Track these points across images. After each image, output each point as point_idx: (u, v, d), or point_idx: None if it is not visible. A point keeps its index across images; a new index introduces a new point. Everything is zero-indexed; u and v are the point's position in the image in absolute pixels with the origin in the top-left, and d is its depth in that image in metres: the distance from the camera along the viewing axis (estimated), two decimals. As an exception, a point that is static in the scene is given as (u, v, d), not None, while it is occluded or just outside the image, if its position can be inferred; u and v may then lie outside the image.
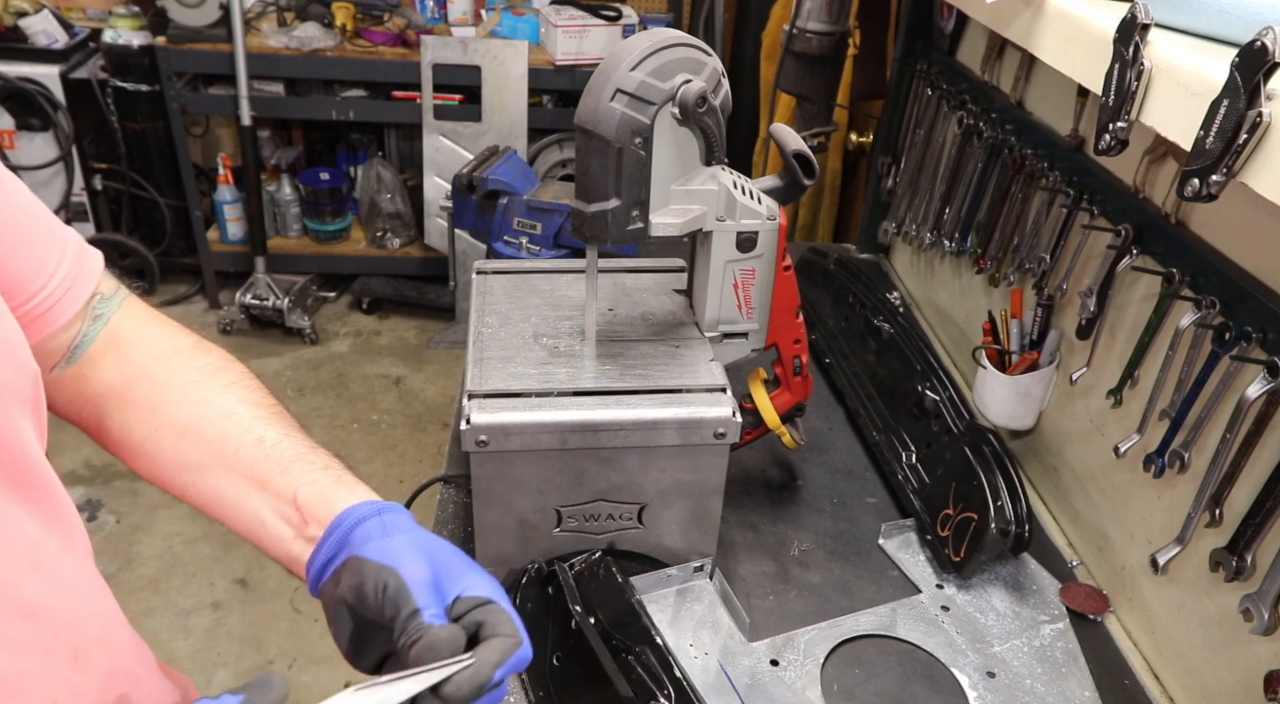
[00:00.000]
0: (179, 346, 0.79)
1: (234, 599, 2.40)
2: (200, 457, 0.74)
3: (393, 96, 3.26)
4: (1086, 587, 1.20)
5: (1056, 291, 1.30)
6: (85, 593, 0.65)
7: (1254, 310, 0.93)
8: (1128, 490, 1.16)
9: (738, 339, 1.14)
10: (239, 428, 0.75)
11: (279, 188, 3.51)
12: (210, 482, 0.74)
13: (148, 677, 0.71)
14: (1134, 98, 0.82)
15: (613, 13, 3.20)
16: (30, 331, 0.68)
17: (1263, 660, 0.92)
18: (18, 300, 0.67)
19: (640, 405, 1.01)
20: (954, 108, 1.58)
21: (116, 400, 0.76)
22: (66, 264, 0.71)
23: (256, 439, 0.74)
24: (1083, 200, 1.23)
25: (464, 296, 3.38)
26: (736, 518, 1.27)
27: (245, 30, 3.03)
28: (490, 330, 1.13)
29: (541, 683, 0.98)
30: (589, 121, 0.91)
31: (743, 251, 1.07)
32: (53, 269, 0.70)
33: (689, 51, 0.94)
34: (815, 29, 1.77)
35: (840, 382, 1.54)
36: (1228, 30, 0.80)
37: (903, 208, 1.81)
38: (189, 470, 0.75)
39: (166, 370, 0.77)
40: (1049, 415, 1.36)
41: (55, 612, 0.61)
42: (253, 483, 0.73)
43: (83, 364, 0.76)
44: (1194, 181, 0.73)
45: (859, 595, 1.17)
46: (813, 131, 1.88)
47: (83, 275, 0.73)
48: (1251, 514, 0.91)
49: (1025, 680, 1.06)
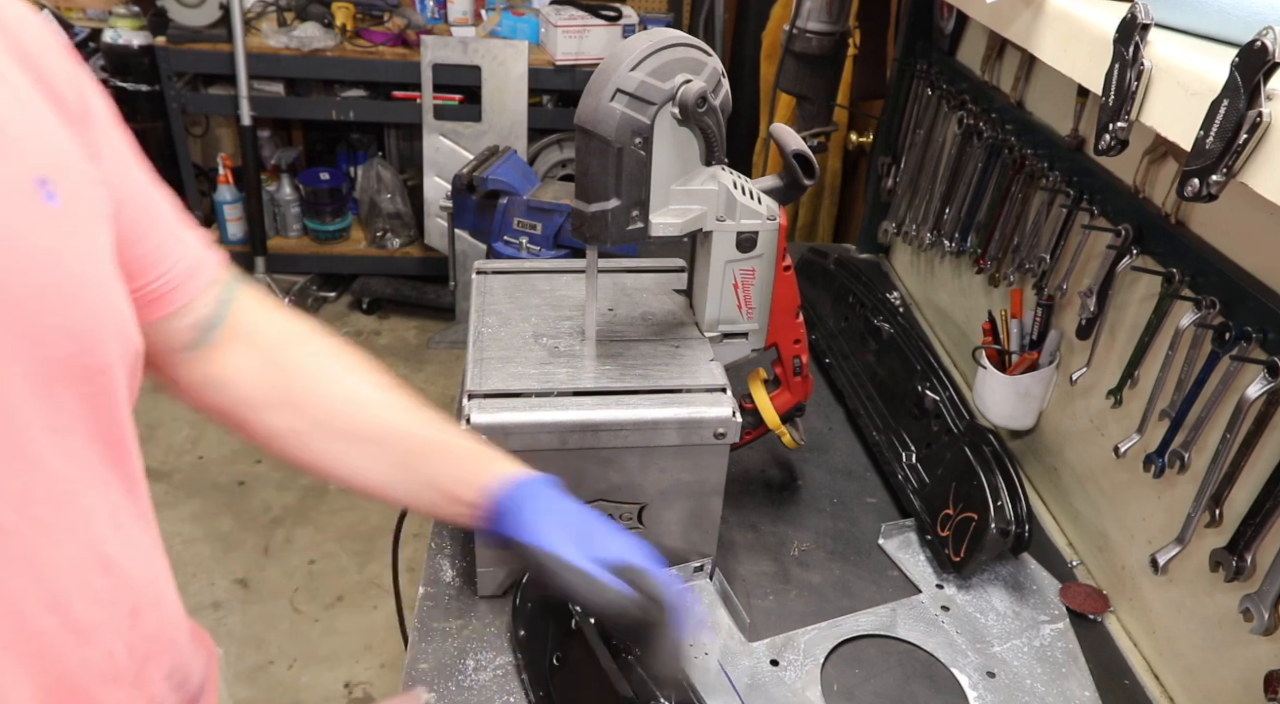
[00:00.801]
0: (301, 331, 0.83)
1: (234, 599, 2.40)
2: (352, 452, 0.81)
3: (393, 96, 3.26)
4: (1086, 587, 1.21)
5: (1056, 291, 1.30)
6: (149, 557, 0.70)
7: (1254, 310, 0.93)
8: (1128, 490, 1.16)
9: (738, 339, 1.14)
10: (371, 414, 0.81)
11: (279, 188, 3.51)
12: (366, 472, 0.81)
13: (184, 644, 0.77)
14: (1134, 98, 0.82)
15: (613, 13, 3.20)
16: (152, 309, 0.72)
17: (1263, 660, 0.92)
18: (144, 278, 0.71)
19: (640, 405, 1.01)
20: (954, 108, 1.58)
21: (246, 392, 0.80)
22: (190, 249, 0.76)
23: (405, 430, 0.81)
24: (1083, 200, 1.23)
25: (464, 296, 3.38)
26: (736, 518, 1.27)
27: (245, 30, 3.03)
28: (490, 330, 1.13)
29: (542, 683, 0.98)
30: (589, 121, 0.91)
31: (743, 251, 1.07)
32: (178, 253, 0.74)
33: (689, 51, 0.94)
34: (815, 29, 1.77)
35: (840, 382, 1.54)
36: (1228, 30, 0.80)
37: (903, 208, 1.81)
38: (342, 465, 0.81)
39: (290, 357, 0.82)
40: (1049, 415, 1.36)
41: (126, 570, 0.65)
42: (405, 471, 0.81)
43: (213, 351, 0.79)
44: (1194, 181, 0.73)
45: (859, 595, 1.17)
46: (813, 131, 1.89)
47: (205, 260, 0.77)
48: (1251, 514, 0.91)
49: (1025, 680, 1.06)
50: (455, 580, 1.14)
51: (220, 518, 2.63)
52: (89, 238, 0.61)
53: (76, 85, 0.64)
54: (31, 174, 0.57)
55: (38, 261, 0.55)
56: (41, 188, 0.57)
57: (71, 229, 0.59)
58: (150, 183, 0.73)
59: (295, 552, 2.55)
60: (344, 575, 2.49)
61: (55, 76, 0.62)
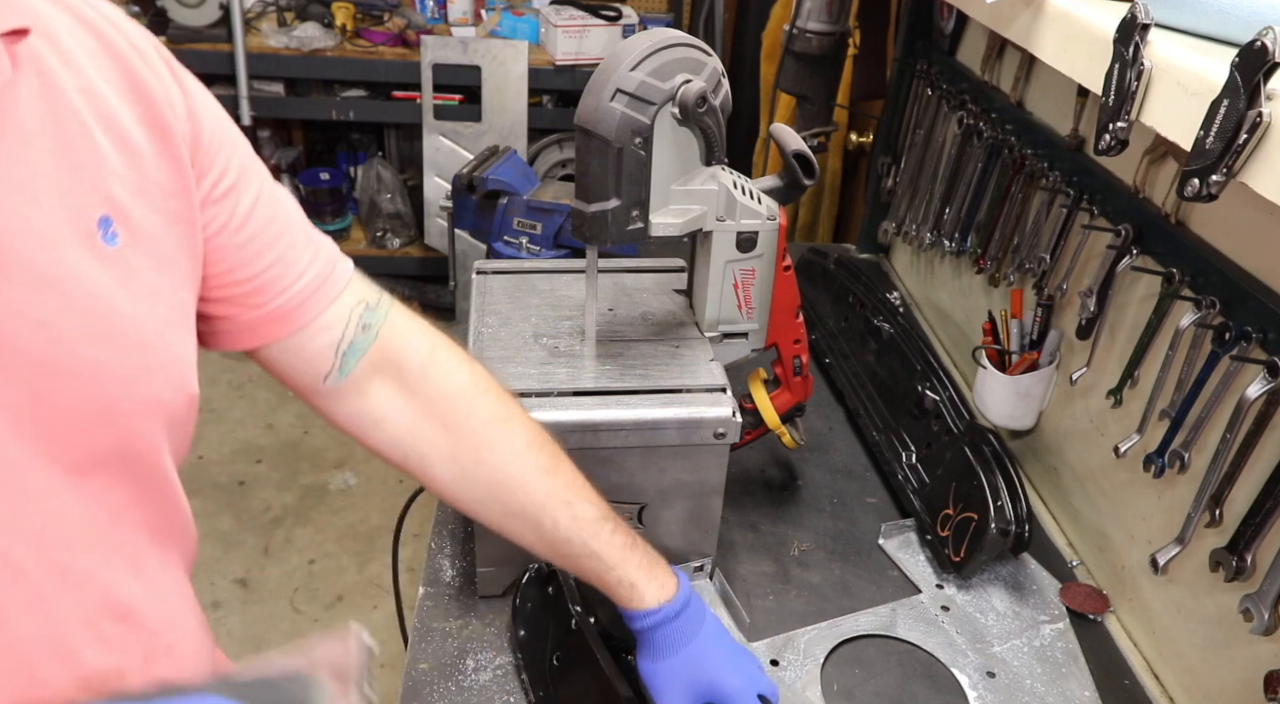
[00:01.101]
0: (464, 387, 0.82)
1: (234, 599, 2.40)
2: (506, 520, 0.84)
3: (393, 96, 3.26)
4: (1086, 587, 1.20)
5: (1056, 291, 1.30)
6: (171, 602, 0.68)
7: (1254, 310, 0.93)
8: (1128, 490, 1.16)
9: (738, 339, 1.14)
10: (538, 508, 0.82)
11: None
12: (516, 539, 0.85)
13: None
14: (1134, 98, 0.82)
15: (613, 13, 3.20)
16: (277, 328, 0.72)
17: (1263, 660, 0.92)
18: (266, 295, 0.70)
19: (640, 405, 1.01)
20: (954, 108, 1.58)
21: (410, 439, 0.81)
22: (317, 265, 0.74)
23: (553, 524, 0.82)
24: (1083, 200, 1.23)
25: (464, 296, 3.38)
26: (736, 518, 1.27)
27: (245, 30, 3.03)
28: (490, 330, 1.13)
29: (542, 683, 0.98)
30: (589, 121, 0.91)
31: (743, 251, 1.06)
32: (302, 269, 0.72)
33: (689, 51, 0.94)
34: (815, 29, 1.77)
35: (840, 382, 1.53)
36: (1228, 30, 0.80)
37: (903, 208, 1.81)
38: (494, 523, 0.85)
39: (458, 418, 0.81)
40: (1049, 415, 1.36)
41: (142, 615, 0.64)
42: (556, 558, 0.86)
43: (361, 381, 0.78)
44: (1194, 181, 0.73)
45: (859, 595, 1.17)
46: (813, 131, 1.88)
47: (333, 276, 0.75)
48: (1251, 514, 0.91)
49: (1025, 680, 1.06)
50: (455, 580, 1.14)
51: (220, 518, 2.63)
52: (146, 279, 0.59)
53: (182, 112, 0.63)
54: (94, 213, 0.55)
55: (80, 302, 0.55)
56: (103, 227, 0.56)
57: (127, 270, 0.57)
58: (275, 197, 0.71)
59: (295, 552, 2.56)
60: (344, 575, 2.49)
61: (162, 106, 0.61)
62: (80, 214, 0.55)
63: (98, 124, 0.56)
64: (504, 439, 0.82)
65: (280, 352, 0.73)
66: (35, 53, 0.54)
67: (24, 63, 0.53)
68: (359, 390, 0.78)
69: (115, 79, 0.59)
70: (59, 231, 0.54)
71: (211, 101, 0.67)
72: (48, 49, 0.55)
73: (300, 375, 0.76)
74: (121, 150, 0.58)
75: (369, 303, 0.78)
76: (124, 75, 0.59)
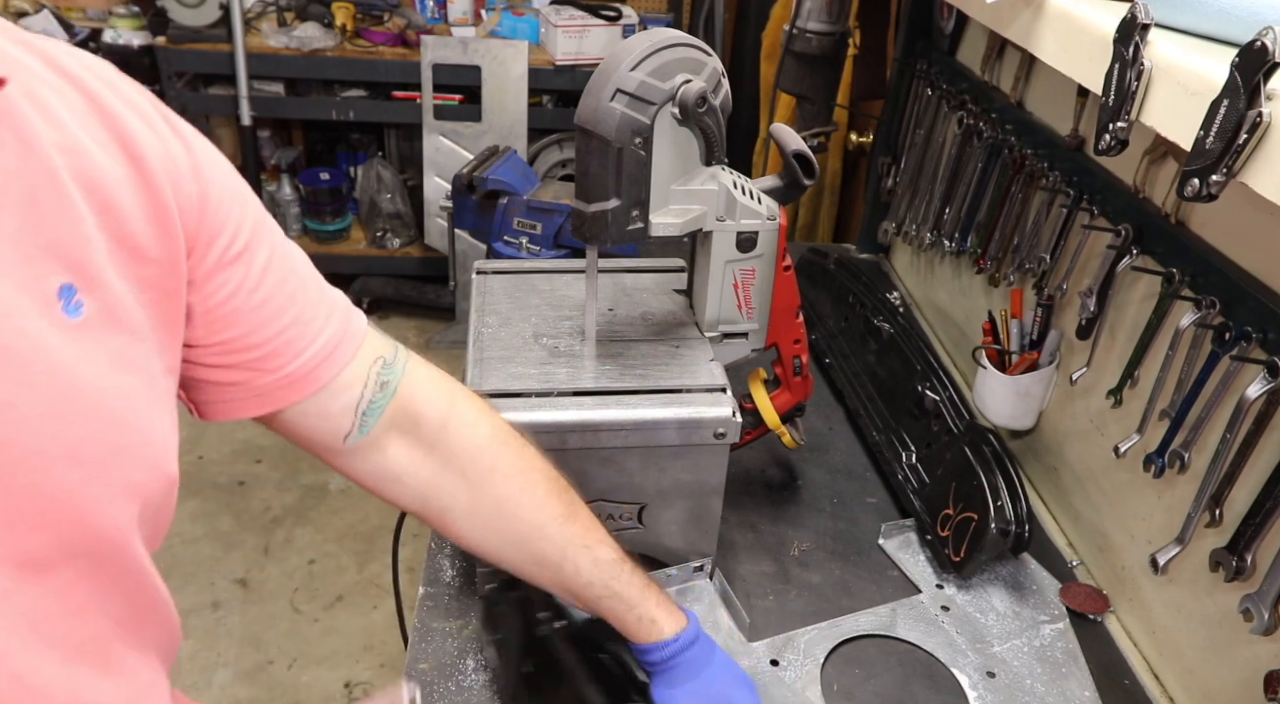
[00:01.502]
0: (484, 440, 0.83)
1: (234, 599, 2.40)
2: (529, 566, 0.86)
3: (393, 96, 3.26)
4: (1086, 587, 1.20)
5: (1056, 291, 1.30)
6: (148, 693, 0.65)
7: (1254, 310, 0.93)
8: (1128, 490, 1.16)
9: (738, 339, 1.14)
10: (560, 555, 0.84)
11: (279, 188, 3.51)
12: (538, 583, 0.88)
13: None
14: (1134, 98, 0.82)
15: (613, 13, 3.20)
16: (295, 392, 0.70)
17: (1263, 660, 0.92)
18: (282, 359, 0.68)
19: (640, 405, 1.01)
20: (954, 108, 1.58)
21: (432, 493, 0.81)
22: (333, 325, 0.72)
23: (575, 570, 0.84)
24: (1083, 200, 1.23)
25: (464, 296, 3.38)
26: (736, 518, 1.27)
27: (245, 30, 3.03)
28: (490, 330, 1.13)
29: (514, 691, 0.97)
30: (589, 121, 0.91)
31: (743, 251, 1.06)
32: (318, 329, 0.70)
33: (689, 51, 0.94)
34: (815, 29, 1.76)
35: (840, 382, 1.53)
36: (1228, 30, 0.80)
37: (903, 208, 1.81)
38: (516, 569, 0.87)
39: (479, 471, 0.82)
40: (1049, 415, 1.36)
41: None
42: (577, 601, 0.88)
43: (379, 438, 0.77)
44: (1194, 181, 0.73)
45: (859, 595, 1.17)
46: (813, 131, 1.88)
47: (348, 336, 0.73)
48: (1251, 514, 0.91)
49: (1025, 680, 1.06)
50: (455, 580, 1.14)
51: (220, 518, 2.63)
52: (113, 352, 0.55)
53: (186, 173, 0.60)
54: (55, 280, 0.52)
55: (37, 380, 0.50)
56: (65, 297, 0.52)
57: (92, 343, 0.53)
58: (288, 254, 0.69)
59: (295, 552, 2.55)
60: (344, 575, 2.49)
61: (157, 167, 0.58)
62: (40, 282, 0.51)
63: (75, 182, 0.53)
64: (524, 490, 0.83)
65: (297, 414, 0.71)
66: (11, 106, 0.51)
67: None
68: (378, 447, 0.78)
69: (103, 138, 0.56)
70: (15, 300, 0.50)
71: (219, 158, 0.65)
72: (27, 102, 0.52)
73: (318, 436, 0.74)
74: (101, 211, 0.54)
75: (386, 359, 0.76)
76: (114, 134, 0.56)
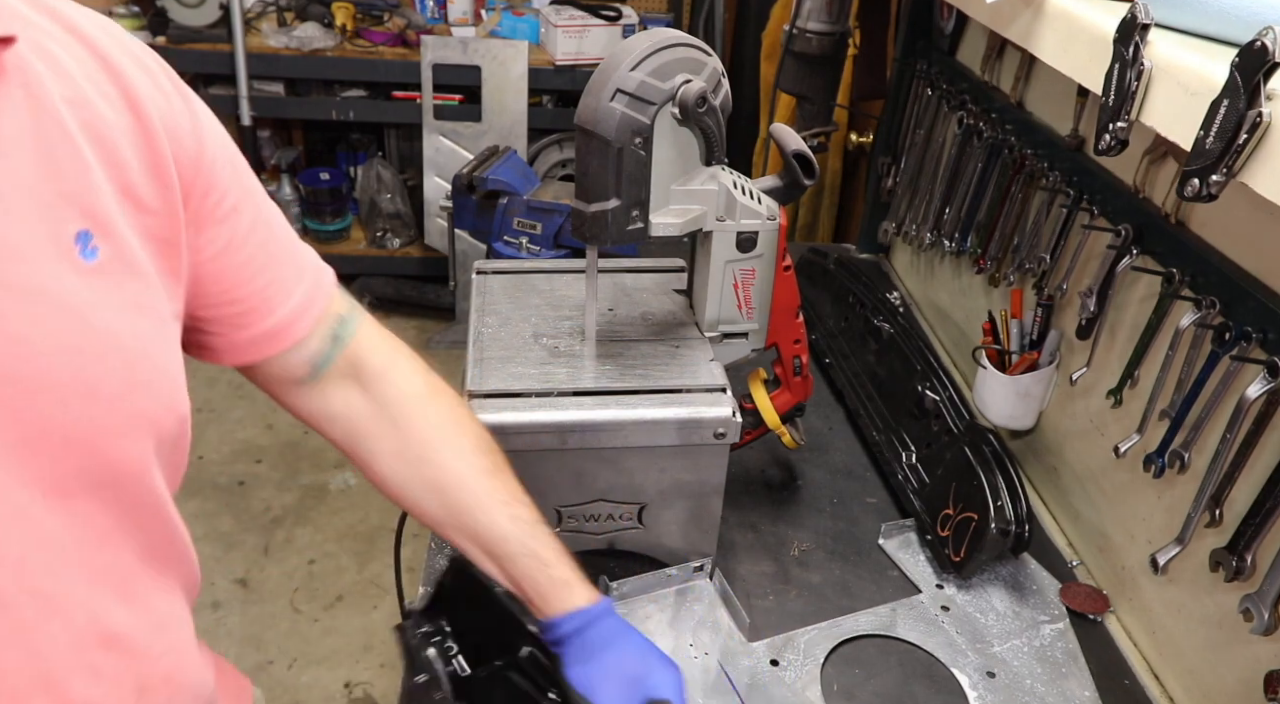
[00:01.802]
0: (418, 391, 0.85)
1: (234, 599, 2.40)
2: (444, 516, 0.84)
3: (393, 96, 3.26)
4: (1086, 587, 1.20)
5: (1056, 291, 1.30)
6: (166, 628, 0.67)
7: (1254, 310, 0.93)
8: (1128, 490, 1.16)
9: (738, 339, 1.14)
10: (477, 505, 0.84)
11: (279, 188, 3.51)
12: (451, 536, 0.85)
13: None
14: (1134, 98, 0.82)
15: (613, 13, 3.20)
16: (261, 350, 0.73)
17: (1263, 660, 0.92)
18: (258, 316, 0.71)
19: (640, 405, 1.01)
20: (954, 108, 1.58)
21: (362, 433, 0.83)
22: (305, 283, 0.76)
23: (490, 522, 0.83)
24: (1083, 200, 1.23)
25: (464, 296, 3.38)
26: (736, 518, 1.27)
27: (245, 30, 3.03)
28: (490, 330, 1.13)
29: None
30: (589, 121, 0.91)
31: (743, 251, 1.07)
32: (292, 288, 0.74)
33: (689, 51, 0.94)
34: (815, 29, 1.76)
35: (840, 382, 1.54)
36: (1228, 30, 0.80)
37: (903, 208, 1.81)
38: (431, 519, 0.85)
39: (409, 419, 0.84)
40: (1049, 415, 1.36)
41: (134, 645, 0.62)
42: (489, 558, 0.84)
43: (324, 382, 0.80)
44: (1194, 181, 0.73)
45: (859, 595, 1.17)
46: (813, 131, 1.88)
47: (319, 294, 0.77)
48: (1251, 514, 0.91)
49: (1025, 680, 1.06)
50: (455, 580, 1.14)
51: (220, 518, 2.63)
52: (126, 294, 0.58)
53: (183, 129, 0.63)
54: (73, 226, 0.55)
55: (58, 318, 0.54)
56: (81, 242, 0.55)
57: (108, 285, 0.56)
58: (271, 221, 0.73)
59: (295, 552, 2.55)
60: (344, 575, 2.49)
61: (155, 121, 0.60)
62: (58, 227, 0.54)
63: (84, 134, 0.55)
64: (449, 441, 0.84)
65: (262, 363, 0.75)
66: (22, 61, 0.53)
67: (9, 72, 0.52)
68: (322, 390, 0.81)
69: (109, 91, 0.58)
70: (36, 245, 0.53)
71: (218, 125, 0.68)
72: (36, 58, 0.54)
73: (274, 379, 0.78)
74: (107, 162, 0.57)
75: (343, 316, 0.80)
76: (119, 88, 0.59)
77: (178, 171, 0.62)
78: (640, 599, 1.11)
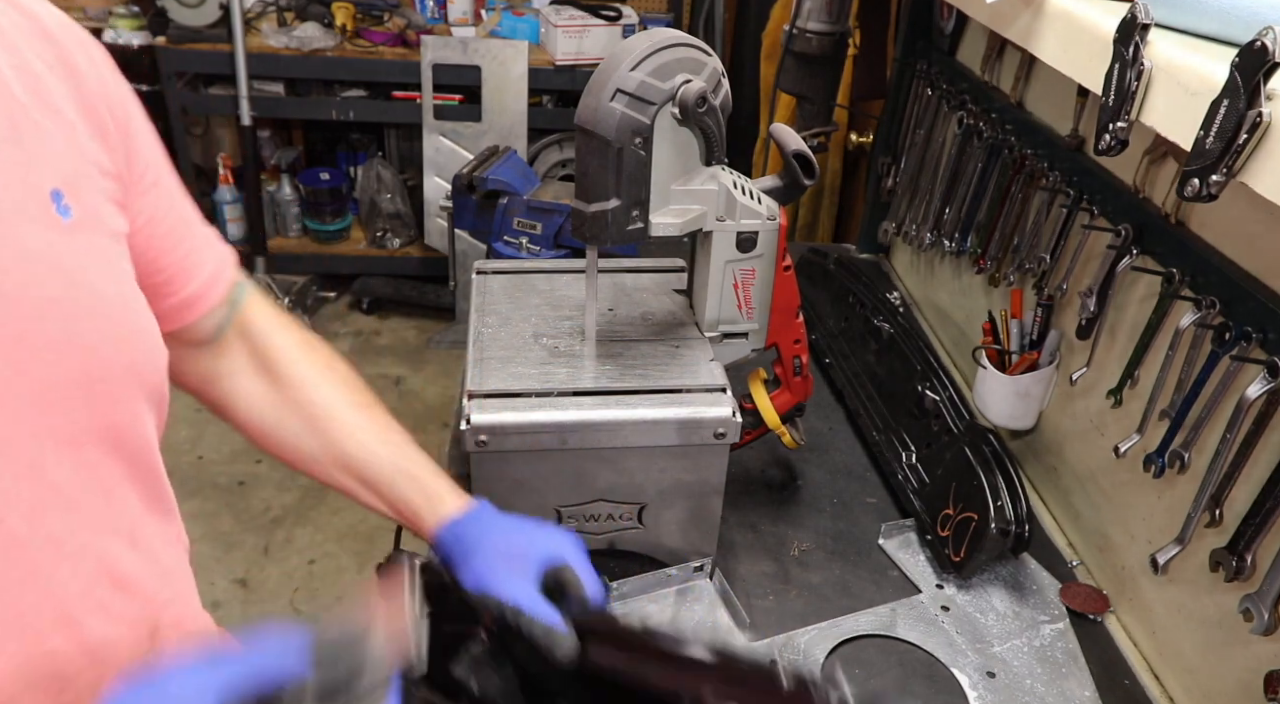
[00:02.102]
0: (295, 342, 0.88)
1: (234, 599, 2.40)
2: (320, 450, 0.86)
3: (393, 96, 3.26)
4: (1086, 587, 1.20)
5: (1056, 291, 1.30)
6: (172, 576, 0.70)
7: (1254, 310, 0.93)
8: (1128, 490, 1.16)
9: (738, 339, 1.14)
10: (350, 435, 0.85)
11: (279, 188, 3.51)
12: (330, 474, 0.86)
13: None
14: (1134, 98, 0.82)
15: (613, 13, 3.20)
16: (180, 317, 0.76)
17: (1263, 660, 0.92)
18: (175, 287, 0.74)
19: (640, 405, 1.01)
20: (954, 108, 1.58)
21: (245, 387, 0.85)
22: (215, 252, 0.79)
23: (360, 445, 0.85)
24: (1083, 200, 1.23)
25: (464, 296, 3.38)
26: (736, 518, 1.27)
27: (245, 30, 3.03)
28: (490, 330, 1.13)
29: None
30: (589, 121, 0.91)
31: (743, 251, 1.07)
32: (205, 256, 0.77)
33: (689, 51, 0.94)
34: (815, 29, 1.76)
35: (840, 382, 1.53)
36: (1228, 30, 0.80)
37: (903, 208, 1.81)
38: (308, 456, 0.86)
39: (289, 365, 0.86)
40: (1049, 415, 1.36)
41: (144, 588, 0.65)
42: (367, 487, 0.86)
43: (220, 344, 0.83)
44: (1194, 181, 0.73)
45: (859, 595, 1.17)
46: (813, 131, 1.88)
47: (224, 266, 0.80)
48: (1251, 514, 0.91)
49: (1025, 680, 1.06)
50: (455, 580, 1.14)
51: (220, 518, 2.63)
52: (101, 252, 0.61)
53: (115, 99, 0.65)
54: (46, 185, 0.57)
55: (47, 275, 0.56)
56: (55, 200, 0.57)
57: (84, 243, 0.59)
58: (181, 194, 0.75)
59: (295, 552, 2.55)
60: (344, 575, 2.49)
61: (93, 89, 0.63)
62: (33, 187, 0.56)
63: (34, 101, 0.57)
64: (325, 381, 0.88)
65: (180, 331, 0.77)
66: None
67: None
68: (215, 351, 0.84)
69: (50, 59, 0.60)
70: (17, 204, 0.55)
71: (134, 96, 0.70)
72: None
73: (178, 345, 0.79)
74: (60, 127, 0.59)
75: (239, 283, 0.83)
76: (57, 56, 0.61)
77: (118, 141, 0.64)
78: (640, 599, 1.11)
